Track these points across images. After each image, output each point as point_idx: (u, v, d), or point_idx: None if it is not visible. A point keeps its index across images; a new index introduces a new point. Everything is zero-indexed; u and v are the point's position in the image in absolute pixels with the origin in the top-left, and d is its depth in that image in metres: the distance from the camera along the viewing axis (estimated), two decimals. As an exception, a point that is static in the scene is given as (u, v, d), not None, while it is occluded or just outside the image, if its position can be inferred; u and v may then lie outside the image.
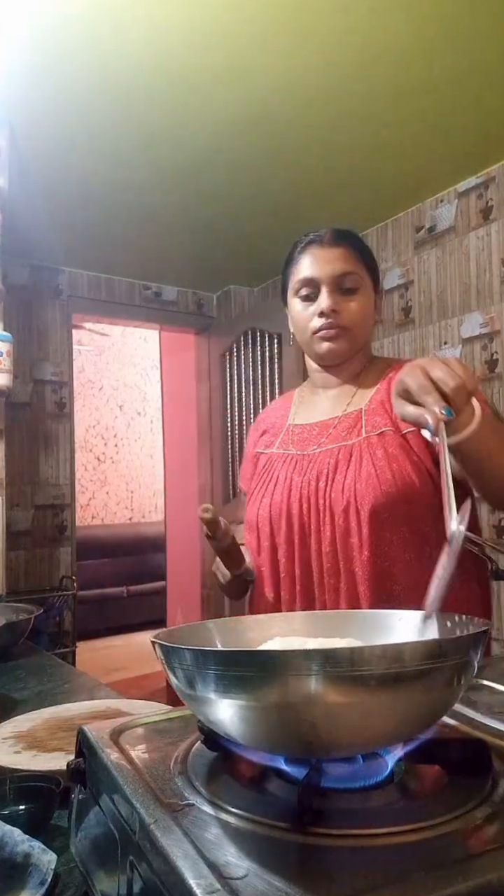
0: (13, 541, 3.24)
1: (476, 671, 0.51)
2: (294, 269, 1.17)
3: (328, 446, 1.12)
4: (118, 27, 1.79)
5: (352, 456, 1.08)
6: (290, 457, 1.16)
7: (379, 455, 1.05)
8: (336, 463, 1.08)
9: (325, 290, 1.12)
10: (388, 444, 1.06)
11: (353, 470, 1.06)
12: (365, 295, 1.15)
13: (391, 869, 0.39)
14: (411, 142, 2.42)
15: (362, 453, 1.07)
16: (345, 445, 1.10)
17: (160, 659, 0.53)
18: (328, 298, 1.11)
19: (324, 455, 1.11)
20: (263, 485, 1.18)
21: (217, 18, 1.77)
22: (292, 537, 1.10)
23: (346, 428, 1.12)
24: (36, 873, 0.58)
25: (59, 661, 1.55)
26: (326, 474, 1.08)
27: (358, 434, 1.10)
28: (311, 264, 1.14)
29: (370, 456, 1.05)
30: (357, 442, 1.09)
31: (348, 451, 1.09)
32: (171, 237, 3.23)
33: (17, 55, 1.89)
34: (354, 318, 1.13)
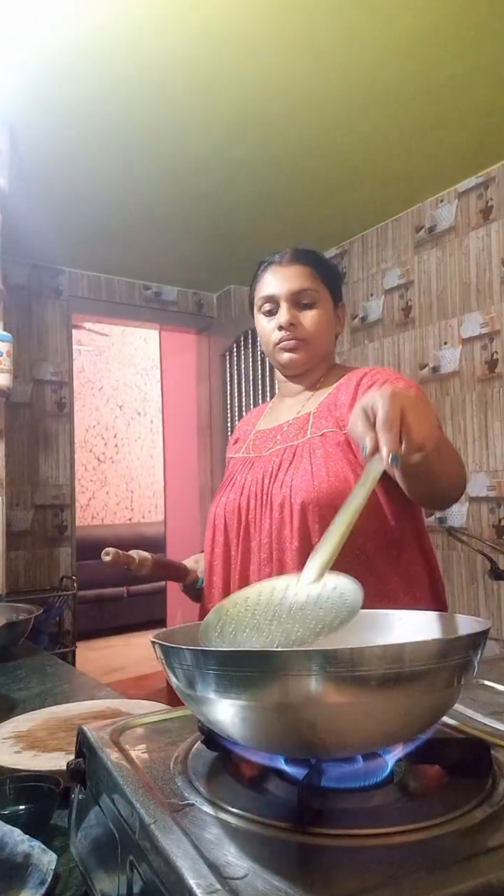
0: (13, 541, 3.24)
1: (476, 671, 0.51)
2: (258, 287, 1.27)
3: (277, 447, 1.22)
4: (118, 28, 1.79)
5: (294, 455, 1.16)
6: (249, 459, 1.27)
7: (318, 454, 1.13)
8: (280, 462, 1.18)
9: (284, 305, 1.21)
10: (328, 444, 1.14)
11: (293, 468, 1.14)
12: (322, 308, 1.23)
13: (391, 869, 0.39)
14: (411, 142, 2.42)
15: (304, 453, 1.15)
16: (290, 446, 1.19)
17: (160, 659, 0.53)
18: (286, 313, 1.21)
19: (272, 455, 1.21)
20: (224, 486, 1.28)
21: (217, 19, 1.77)
22: (240, 531, 1.19)
23: (295, 430, 1.22)
24: (36, 873, 0.58)
25: (59, 661, 1.55)
26: (272, 472, 1.18)
27: (304, 435, 1.19)
28: (271, 282, 1.23)
29: (310, 455, 1.14)
30: (301, 443, 1.18)
31: (292, 451, 1.18)
32: (171, 237, 3.23)
33: (19, 57, 1.89)
34: (311, 331, 1.22)
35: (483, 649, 0.51)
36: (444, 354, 2.86)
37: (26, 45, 1.85)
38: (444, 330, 2.86)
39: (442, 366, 2.87)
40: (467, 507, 2.75)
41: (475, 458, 2.72)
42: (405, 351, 3.05)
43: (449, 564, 2.82)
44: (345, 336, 3.40)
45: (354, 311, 3.35)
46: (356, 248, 3.34)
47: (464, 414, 2.77)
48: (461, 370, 2.78)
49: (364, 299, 3.29)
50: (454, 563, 2.80)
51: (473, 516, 2.72)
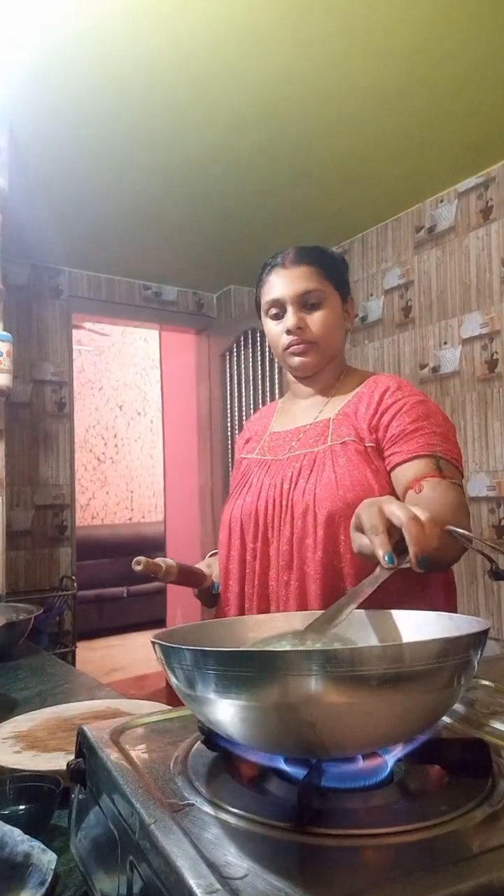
0: (13, 541, 3.24)
1: (476, 671, 0.51)
2: (263, 291, 1.25)
3: (296, 452, 1.20)
4: (118, 28, 1.79)
5: (315, 462, 1.15)
6: (265, 462, 1.25)
7: (341, 462, 1.12)
8: (300, 468, 1.16)
9: (291, 308, 1.19)
10: (350, 453, 1.12)
11: (315, 475, 1.13)
12: (330, 308, 1.21)
13: (391, 869, 0.39)
14: (411, 142, 2.42)
15: (325, 460, 1.14)
16: (311, 452, 1.17)
17: (160, 659, 0.53)
18: (293, 316, 1.19)
19: (291, 460, 1.19)
20: (240, 488, 1.26)
21: (217, 19, 1.77)
22: (258, 535, 1.18)
23: (314, 435, 1.20)
24: (36, 873, 0.58)
25: (59, 661, 1.55)
26: (291, 478, 1.16)
27: (324, 442, 1.17)
28: (276, 285, 1.21)
29: (332, 463, 1.12)
30: (322, 450, 1.16)
31: (313, 457, 1.16)
32: (171, 237, 3.23)
33: (18, 56, 1.89)
34: (320, 332, 1.20)
35: (483, 649, 0.51)
36: (444, 354, 2.86)
37: (26, 45, 1.85)
38: (444, 330, 2.86)
39: (442, 366, 2.87)
40: (467, 507, 2.75)
41: (475, 458, 2.72)
42: (405, 351, 3.05)
43: (449, 564, 2.81)
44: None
45: (354, 311, 3.35)
46: (356, 248, 3.34)
47: (464, 414, 2.77)
48: (461, 370, 2.78)
49: (364, 299, 3.29)
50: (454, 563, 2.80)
51: (473, 516, 2.72)
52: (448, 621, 0.62)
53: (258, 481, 1.21)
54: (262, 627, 0.71)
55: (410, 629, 0.66)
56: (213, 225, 3.09)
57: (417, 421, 1.10)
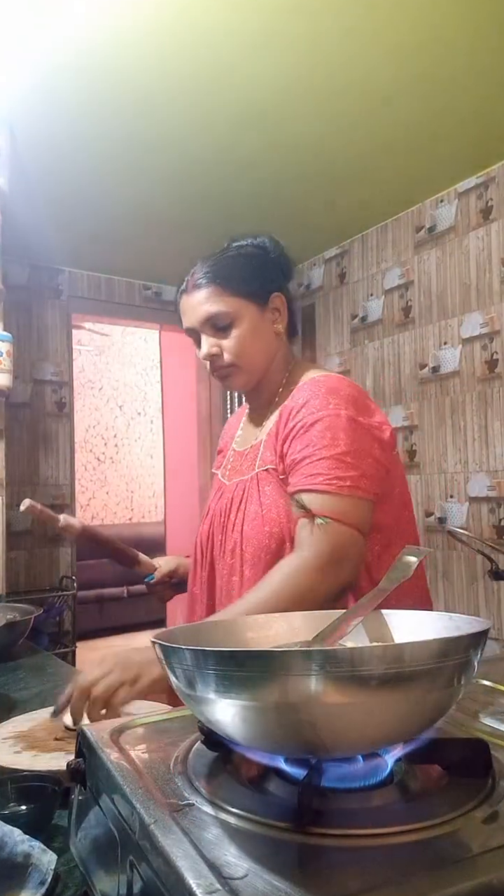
0: (13, 541, 3.24)
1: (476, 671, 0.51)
2: (181, 319, 1.18)
3: (234, 478, 1.17)
4: (118, 28, 1.79)
5: (244, 492, 1.12)
6: (220, 484, 1.22)
7: (267, 492, 1.08)
8: (233, 498, 1.13)
9: (202, 336, 1.13)
10: (274, 481, 1.08)
11: (244, 508, 1.10)
12: (244, 324, 1.11)
13: (391, 869, 0.39)
14: (411, 142, 2.42)
15: (252, 490, 1.10)
16: (242, 480, 1.14)
17: (160, 659, 0.53)
18: (205, 344, 1.13)
19: (229, 489, 1.17)
20: (205, 510, 1.24)
21: (216, 19, 1.77)
22: (204, 564, 1.17)
23: (249, 460, 1.16)
24: (36, 873, 0.58)
25: (59, 661, 1.55)
26: (226, 509, 1.14)
27: (252, 469, 1.13)
28: (185, 314, 1.15)
29: (258, 493, 1.09)
30: (250, 478, 1.13)
31: (243, 486, 1.13)
32: (171, 237, 3.23)
33: (18, 56, 1.89)
34: (235, 354, 1.12)
35: (483, 649, 0.51)
36: (444, 354, 2.86)
37: (26, 45, 1.85)
38: (444, 330, 2.86)
39: (442, 366, 2.87)
40: (467, 507, 2.75)
41: (475, 458, 2.72)
42: (405, 351, 3.05)
43: (449, 564, 2.82)
44: (344, 336, 3.40)
45: (354, 311, 3.35)
46: (356, 248, 3.34)
47: (464, 414, 2.77)
48: (461, 370, 2.78)
49: (364, 299, 3.29)
50: (454, 563, 2.80)
51: (473, 516, 2.72)
52: (448, 621, 0.62)
53: (214, 506, 1.20)
54: (262, 627, 0.71)
55: (409, 629, 0.66)
56: (213, 225, 3.08)
57: (307, 448, 1.03)
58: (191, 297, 1.13)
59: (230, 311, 1.11)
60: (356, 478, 1.00)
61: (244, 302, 1.12)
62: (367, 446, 1.04)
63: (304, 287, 3.65)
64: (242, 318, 1.11)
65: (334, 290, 3.48)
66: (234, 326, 1.11)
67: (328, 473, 1.00)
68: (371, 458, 1.04)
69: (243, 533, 1.08)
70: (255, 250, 1.19)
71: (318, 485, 0.99)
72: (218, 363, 1.13)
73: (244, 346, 1.12)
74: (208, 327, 1.12)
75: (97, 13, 1.74)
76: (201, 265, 1.15)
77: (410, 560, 0.73)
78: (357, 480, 1.00)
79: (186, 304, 1.14)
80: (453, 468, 2.82)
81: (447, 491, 2.84)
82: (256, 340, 1.13)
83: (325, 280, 3.53)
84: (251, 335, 1.12)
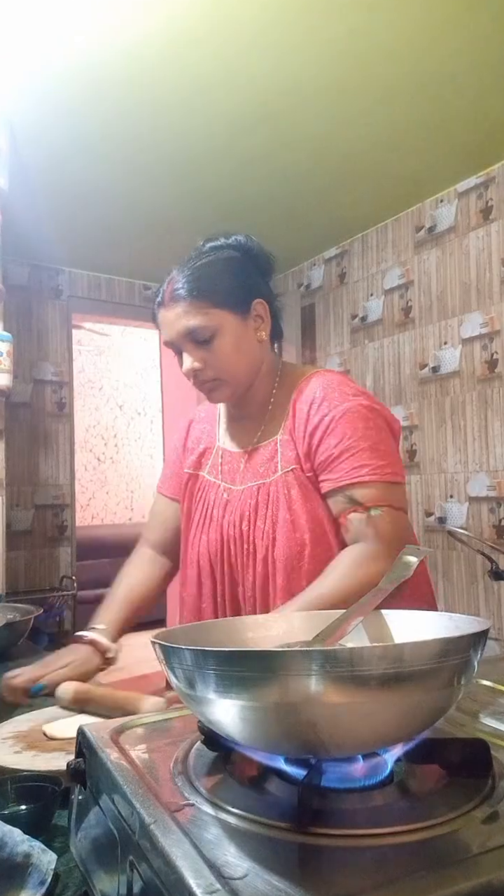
0: (13, 541, 3.24)
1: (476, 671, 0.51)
2: (160, 330, 1.13)
3: (248, 483, 1.11)
4: (118, 27, 1.79)
5: (270, 497, 1.07)
6: (221, 491, 1.15)
7: (294, 496, 1.05)
8: (256, 504, 1.08)
9: (183, 350, 1.08)
10: (301, 483, 1.06)
11: (272, 514, 1.06)
12: (225, 335, 1.06)
13: (391, 869, 0.39)
14: (411, 142, 2.42)
15: (279, 495, 1.06)
16: (264, 484, 1.09)
17: (160, 659, 0.53)
18: (187, 359, 1.08)
19: (245, 494, 1.11)
20: (202, 521, 1.17)
21: (217, 19, 1.77)
22: (224, 577, 1.12)
23: (263, 461, 1.11)
24: (36, 873, 0.58)
25: (59, 661, 1.55)
26: (248, 517, 1.09)
27: (274, 470, 1.09)
28: (162, 328, 1.10)
29: (286, 498, 1.06)
30: (274, 480, 1.08)
31: (266, 490, 1.08)
32: (171, 237, 3.23)
33: (18, 56, 1.89)
34: (218, 368, 1.08)
35: (483, 649, 0.51)
36: (444, 354, 2.86)
37: (27, 45, 1.85)
38: (444, 330, 2.86)
39: (442, 366, 2.87)
40: (467, 507, 2.75)
41: (475, 458, 2.72)
42: (405, 351, 3.05)
43: (449, 564, 2.82)
44: (344, 336, 3.40)
45: (354, 311, 3.35)
46: (356, 248, 3.34)
47: (464, 414, 2.77)
48: (461, 370, 2.78)
49: (364, 299, 3.29)
50: (454, 563, 2.80)
51: (473, 516, 2.72)
52: (448, 621, 0.62)
53: (218, 514, 1.13)
54: (262, 627, 0.71)
55: (410, 629, 0.66)
56: (214, 225, 3.08)
57: (342, 442, 1.02)
58: (168, 310, 1.08)
59: (211, 325, 1.06)
60: (393, 463, 1.03)
61: (225, 313, 1.07)
62: (388, 434, 1.07)
63: (304, 287, 3.65)
64: (224, 330, 1.06)
65: (334, 290, 3.48)
66: (215, 339, 1.06)
67: (372, 464, 1.01)
68: (394, 444, 1.07)
69: (275, 541, 1.04)
70: (231, 252, 1.14)
71: (366, 476, 1.00)
72: (201, 378, 1.09)
73: (227, 358, 1.07)
74: (188, 341, 1.07)
75: (98, 13, 1.74)
76: (178, 274, 1.10)
77: (410, 560, 0.73)
78: (394, 466, 1.03)
79: (164, 318, 1.09)
80: (453, 468, 2.82)
81: (447, 491, 2.84)
82: (240, 351, 1.09)
83: (325, 280, 3.53)
84: (234, 347, 1.07)
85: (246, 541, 1.08)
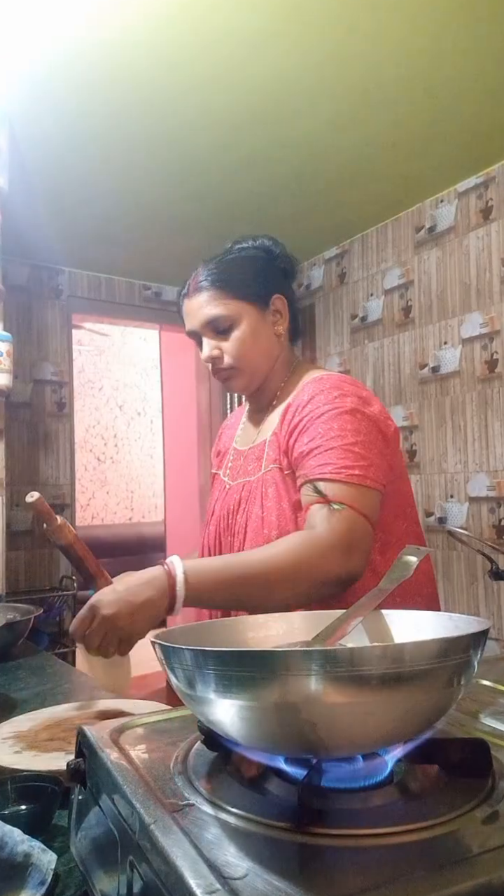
0: (13, 541, 3.24)
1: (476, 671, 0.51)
2: (184, 321, 1.20)
3: (239, 479, 1.18)
4: (118, 27, 1.79)
5: (250, 494, 1.12)
6: (224, 485, 1.23)
7: (269, 494, 1.09)
8: (239, 499, 1.14)
9: (204, 338, 1.15)
10: (277, 482, 1.09)
11: (247, 510, 1.11)
12: (245, 326, 1.13)
13: (391, 869, 0.39)
14: (411, 142, 2.42)
15: (256, 492, 1.11)
16: (248, 482, 1.15)
17: (160, 659, 0.53)
18: (206, 346, 1.14)
19: (233, 490, 1.17)
20: (210, 511, 1.24)
21: (217, 19, 1.77)
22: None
23: (252, 459, 1.17)
24: (36, 873, 0.58)
25: (59, 661, 1.55)
26: (232, 511, 1.14)
27: (259, 469, 1.14)
28: (187, 317, 1.17)
29: (261, 496, 1.10)
30: (256, 479, 1.13)
31: (249, 487, 1.13)
32: (171, 237, 3.23)
33: (18, 55, 1.89)
34: (236, 357, 1.14)
35: (483, 649, 0.51)
36: (444, 354, 2.86)
37: (27, 45, 1.85)
38: (444, 330, 2.86)
39: (442, 366, 2.87)
40: (467, 507, 2.75)
41: (475, 458, 2.72)
42: (405, 351, 3.05)
43: (449, 564, 2.82)
44: (344, 336, 3.40)
45: (354, 311, 3.35)
46: (356, 248, 3.34)
47: (464, 414, 2.77)
48: (461, 370, 2.78)
49: (364, 299, 3.29)
50: (454, 563, 2.80)
51: (473, 516, 2.72)
52: (448, 621, 0.62)
53: (218, 508, 1.20)
54: (262, 627, 0.71)
55: (410, 629, 0.66)
56: (213, 225, 3.09)
57: (314, 440, 1.04)
58: (192, 300, 1.15)
59: (230, 315, 1.12)
60: (365, 467, 1.01)
61: (245, 304, 1.13)
62: (374, 438, 1.05)
63: (304, 287, 3.65)
64: (243, 321, 1.12)
65: (334, 290, 3.48)
66: (234, 329, 1.12)
67: (337, 463, 1.00)
68: (377, 449, 1.04)
69: (246, 535, 1.08)
70: (256, 252, 1.20)
71: (328, 474, 1.00)
72: (219, 365, 1.15)
73: (244, 348, 1.13)
74: (209, 330, 1.13)
75: (98, 12, 1.74)
76: (203, 268, 1.16)
77: (410, 560, 0.73)
78: (366, 470, 1.01)
79: (188, 308, 1.15)
80: (453, 468, 2.82)
81: (447, 491, 2.84)
82: (257, 343, 1.14)
83: (325, 280, 3.53)
84: (251, 337, 1.13)
85: (229, 534, 1.14)
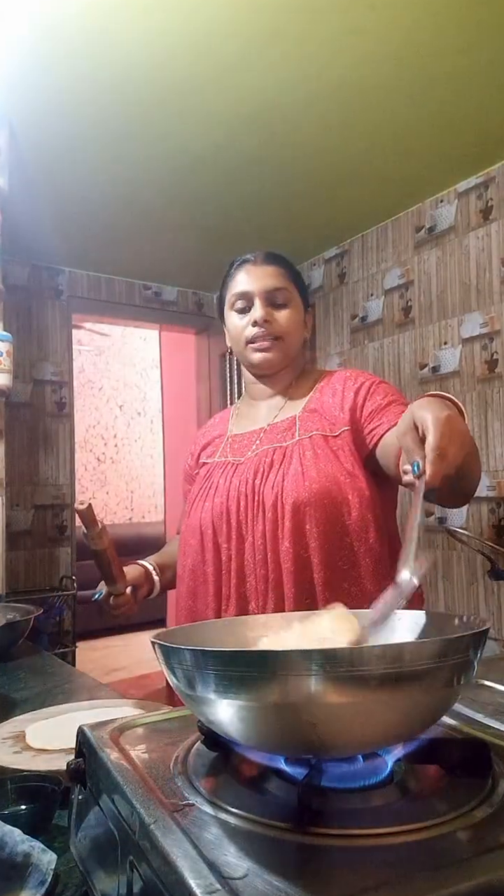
0: (13, 541, 3.24)
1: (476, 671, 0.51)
2: (230, 285, 1.26)
3: (264, 447, 1.21)
4: (118, 27, 1.79)
5: (284, 456, 1.17)
6: (229, 463, 1.25)
7: (308, 455, 1.14)
8: (271, 462, 1.17)
9: (259, 302, 1.21)
10: (317, 446, 1.15)
11: (283, 468, 1.15)
12: (295, 309, 1.24)
13: (391, 869, 0.39)
14: (411, 142, 2.42)
15: (293, 454, 1.16)
16: (280, 447, 1.18)
17: (160, 659, 0.53)
18: (261, 309, 1.20)
19: (260, 456, 1.20)
20: (205, 491, 1.25)
21: (217, 19, 1.77)
22: (231, 534, 1.17)
23: (280, 431, 1.21)
24: (36, 873, 0.58)
25: (59, 661, 1.55)
26: (262, 473, 1.17)
27: (292, 437, 1.19)
28: (244, 280, 1.23)
29: (300, 456, 1.15)
30: (291, 444, 1.18)
31: (282, 451, 1.18)
32: (171, 237, 3.23)
33: (17, 55, 1.89)
34: (286, 328, 1.22)
35: (483, 649, 0.51)
36: (444, 354, 2.86)
37: (26, 44, 1.85)
38: (444, 330, 2.86)
39: (442, 366, 2.87)
40: (467, 507, 2.75)
41: (475, 458, 2.72)
42: (405, 351, 3.05)
43: (449, 564, 2.82)
44: (344, 336, 3.40)
45: (354, 311, 3.35)
46: (356, 248, 3.34)
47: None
48: (461, 370, 2.78)
49: (364, 299, 3.29)
50: (454, 563, 2.80)
51: (473, 516, 2.72)
52: (448, 621, 0.62)
53: (225, 482, 1.21)
54: (262, 627, 0.71)
55: (410, 629, 0.66)
56: (213, 225, 3.09)
57: (387, 396, 1.16)
58: (259, 267, 1.22)
59: (291, 294, 1.23)
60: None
61: (298, 297, 1.26)
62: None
63: (304, 287, 3.65)
64: (295, 306, 1.24)
65: (334, 290, 3.48)
66: (288, 307, 1.22)
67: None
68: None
69: (283, 487, 1.12)
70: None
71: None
72: (268, 329, 1.20)
73: (293, 325, 1.23)
74: (267, 298, 1.21)
75: (98, 12, 1.74)
76: (269, 251, 1.26)
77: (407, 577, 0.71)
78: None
79: (253, 272, 1.22)
80: (453, 468, 2.81)
81: (447, 491, 2.84)
82: (299, 328, 1.25)
83: (325, 280, 3.53)
84: (298, 321, 1.25)
85: (257, 493, 1.15)
